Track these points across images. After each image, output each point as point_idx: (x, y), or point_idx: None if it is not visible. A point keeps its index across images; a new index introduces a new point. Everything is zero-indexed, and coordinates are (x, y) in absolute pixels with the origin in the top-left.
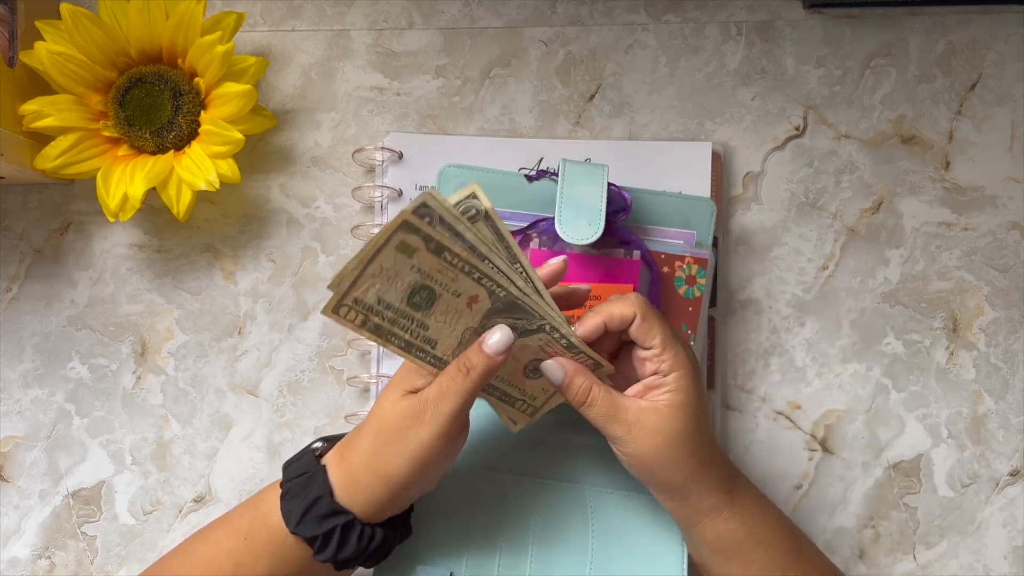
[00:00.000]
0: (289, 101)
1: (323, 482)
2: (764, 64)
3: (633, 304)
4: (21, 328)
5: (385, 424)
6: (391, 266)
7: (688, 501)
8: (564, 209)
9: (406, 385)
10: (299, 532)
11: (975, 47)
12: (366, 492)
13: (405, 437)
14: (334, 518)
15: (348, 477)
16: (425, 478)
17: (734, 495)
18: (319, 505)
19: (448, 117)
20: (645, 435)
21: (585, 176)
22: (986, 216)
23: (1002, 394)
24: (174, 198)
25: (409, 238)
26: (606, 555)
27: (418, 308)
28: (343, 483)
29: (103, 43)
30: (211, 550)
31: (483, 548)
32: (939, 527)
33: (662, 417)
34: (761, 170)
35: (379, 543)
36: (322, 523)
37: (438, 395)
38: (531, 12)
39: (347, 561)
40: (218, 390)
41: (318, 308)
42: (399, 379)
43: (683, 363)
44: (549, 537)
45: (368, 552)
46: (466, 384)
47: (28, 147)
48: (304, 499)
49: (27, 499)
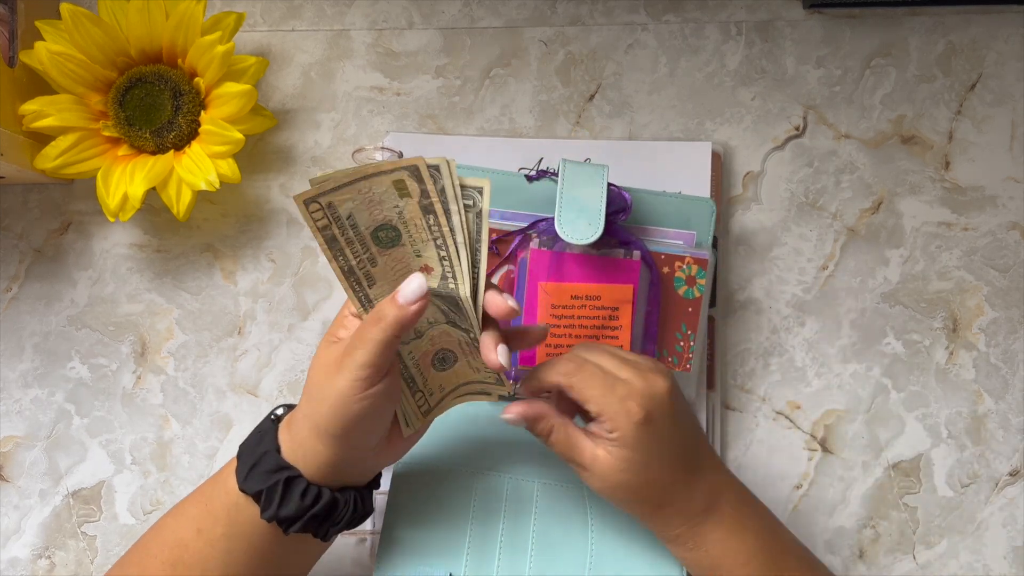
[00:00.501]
0: (289, 101)
1: (272, 439)
2: (764, 64)
3: (557, 373)
4: (21, 328)
5: (312, 377)
6: (379, 193)
7: (652, 527)
8: (564, 209)
9: (331, 336)
10: (245, 488)
11: (975, 47)
12: (306, 448)
13: (324, 386)
14: (278, 473)
15: (291, 433)
16: (356, 433)
17: (699, 528)
18: (265, 460)
19: (448, 117)
20: (599, 474)
21: (585, 176)
22: (986, 216)
23: (1002, 394)
24: (174, 198)
25: (410, 182)
26: (605, 556)
27: (378, 242)
28: (288, 440)
29: (103, 43)
30: (179, 520)
31: (482, 549)
32: (939, 527)
33: (614, 462)
34: (761, 170)
35: (325, 504)
36: (267, 478)
37: (352, 344)
38: (531, 12)
39: (290, 520)
40: (218, 390)
41: (318, 308)
42: (328, 333)
43: (621, 421)
44: (549, 538)
45: (313, 513)
46: (376, 333)
47: (28, 147)
48: (253, 455)
49: (27, 499)
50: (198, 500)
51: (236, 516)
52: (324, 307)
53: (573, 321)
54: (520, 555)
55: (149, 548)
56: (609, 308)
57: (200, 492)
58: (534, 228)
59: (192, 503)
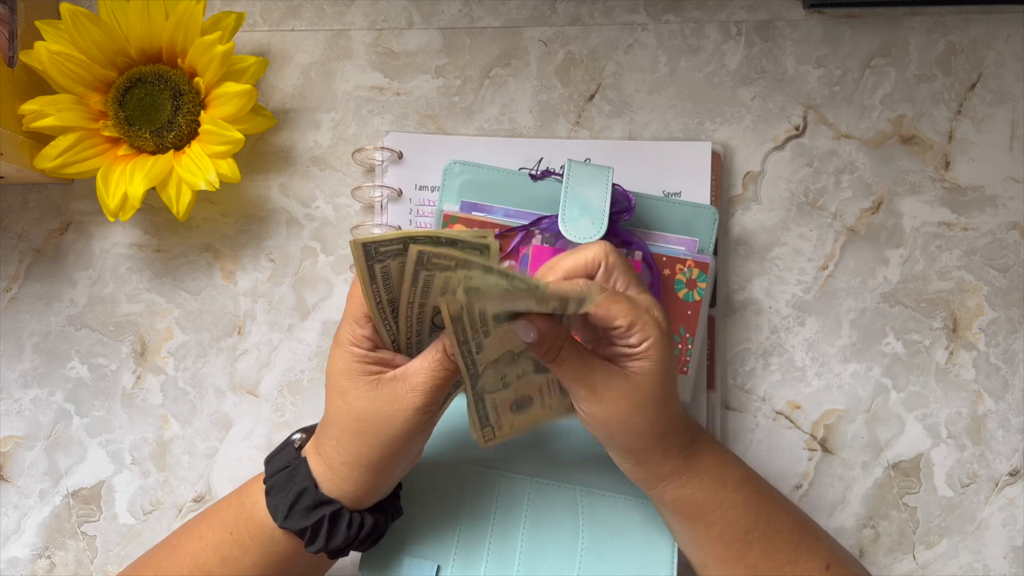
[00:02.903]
0: (289, 101)
1: (306, 474)
2: (764, 64)
3: (579, 291)
4: (21, 328)
5: (353, 413)
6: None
7: (645, 466)
8: (568, 208)
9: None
10: (288, 526)
11: (975, 47)
12: (347, 480)
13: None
14: (321, 509)
15: (326, 465)
16: (404, 463)
17: (692, 459)
18: (304, 498)
19: (448, 117)
20: (611, 399)
21: (590, 177)
22: (986, 216)
23: (1002, 394)
24: (174, 198)
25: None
26: (595, 556)
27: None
28: (324, 472)
29: (103, 43)
30: (197, 544)
31: (471, 545)
32: (939, 527)
33: (630, 383)
34: (761, 170)
35: (370, 529)
36: (309, 515)
37: (412, 385)
38: (531, 12)
39: (339, 550)
40: (218, 390)
41: (318, 308)
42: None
43: (652, 332)
44: (538, 536)
45: (360, 538)
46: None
47: (28, 147)
48: (289, 492)
49: (27, 499)
50: (218, 528)
51: (272, 548)
52: (324, 307)
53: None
54: (509, 553)
55: (163, 566)
56: None
57: (219, 519)
58: (537, 225)
59: (211, 529)
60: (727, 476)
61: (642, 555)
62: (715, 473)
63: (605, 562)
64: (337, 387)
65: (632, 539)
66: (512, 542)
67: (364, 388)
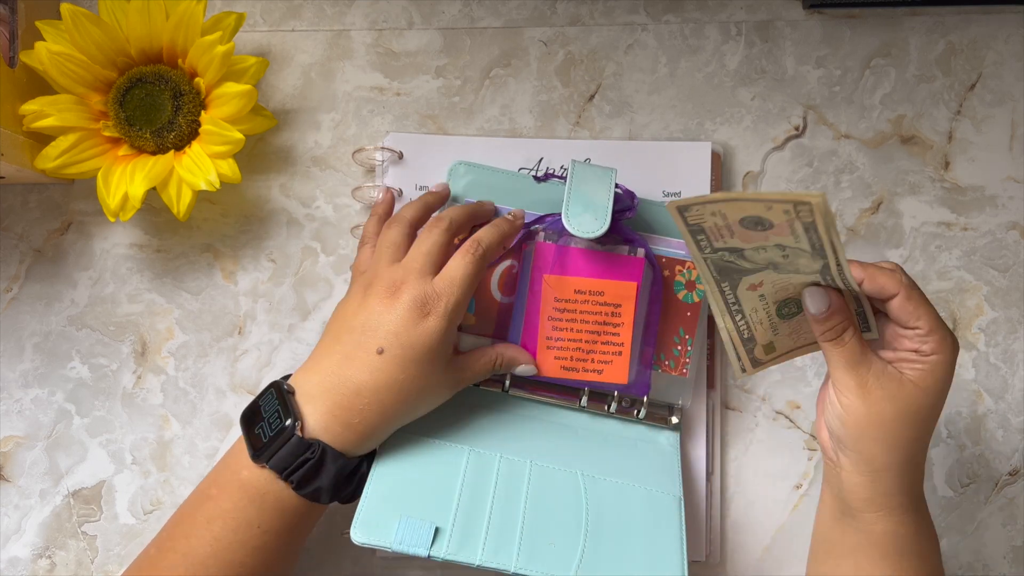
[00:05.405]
0: (289, 101)
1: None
2: (764, 64)
3: (898, 281)
4: (21, 328)
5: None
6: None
7: (878, 486)
8: (572, 203)
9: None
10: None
11: (975, 47)
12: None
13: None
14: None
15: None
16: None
17: (920, 503)
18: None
19: (448, 117)
20: (878, 398)
21: (594, 176)
22: (986, 216)
23: (1002, 394)
24: (174, 198)
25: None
26: (601, 535)
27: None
28: (351, 448)
29: (103, 43)
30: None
31: (471, 516)
32: (939, 527)
33: (903, 389)
34: (761, 170)
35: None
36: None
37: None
38: (531, 12)
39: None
40: (218, 390)
41: (318, 308)
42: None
43: (946, 349)
44: (541, 512)
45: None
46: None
47: (28, 147)
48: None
49: (27, 499)
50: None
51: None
52: (324, 307)
53: (575, 316)
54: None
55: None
56: (612, 304)
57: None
58: (540, 223)
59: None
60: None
61: (649, 538)
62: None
63: (611, 542)
64: (416, 358)
65: (638, 520)
66: (514, 518)
67: (441, 369)
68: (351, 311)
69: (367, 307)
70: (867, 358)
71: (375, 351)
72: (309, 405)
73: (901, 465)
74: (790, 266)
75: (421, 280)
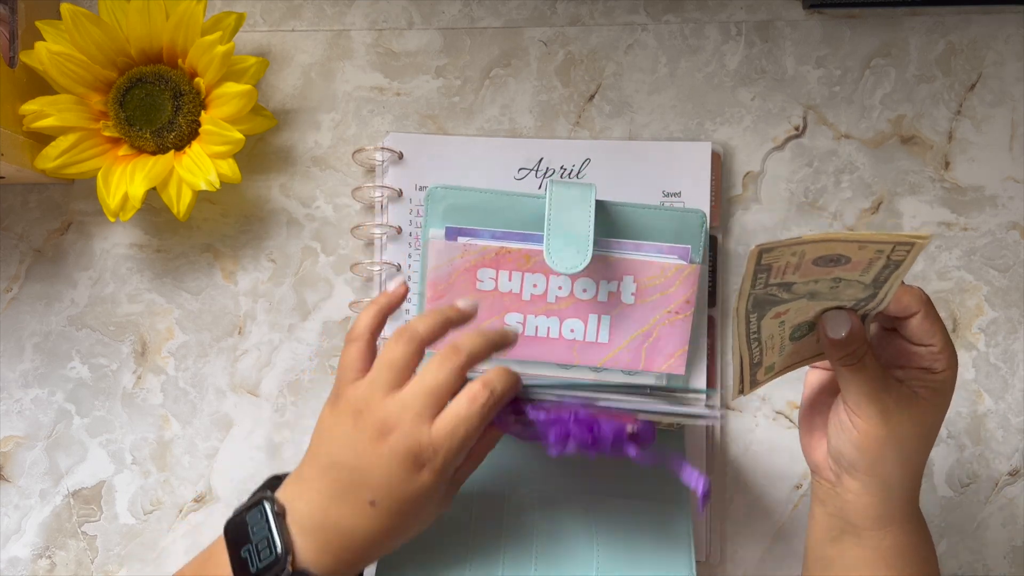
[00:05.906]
0: (289, 101)
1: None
2: (764, 64)
3: (920, 300)
4: (21, 328)
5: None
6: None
7: (891, 502)
8: (552, 237)
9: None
10: None
11: (975, 47)
12: (366, 565)
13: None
14: None
15: (348, 569)
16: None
17: (916, 507)
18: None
19: (448, 117)
20: (896, 422)
21: (572, 200)
22: (986, 216)
23: (1002, 394)
24: (174, 198)
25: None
26: (611, 564)
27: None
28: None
29: (103, 43)
30: None
31: (484, 567)
32: (939, 527)
33: (919, 408)
34: (761, 170)
35: None
36: None
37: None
38: (531, 12)
39: None
40: (218, 390)
41: (318, 308)
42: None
43: (954, 365)
44: (552, 550)
45: None
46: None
47: (28, 147)
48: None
49: (27, 499)
50: None
51: None
52: (324, 307)
53: None
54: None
55: None
56: None
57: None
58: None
59: None
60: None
61: (658, 558)
62: (925, 525)
63: (623, 569)
64: (410, 511)
65: (647, 543)
66: (526, 560)
67: (436, 505)
68: (340, 440)
69: (357, 444)
70: (887, 383)
71: (367, 502)
72: (300, 537)
73: (911, 480)
74: (831, 295)
75: (417, 427)
